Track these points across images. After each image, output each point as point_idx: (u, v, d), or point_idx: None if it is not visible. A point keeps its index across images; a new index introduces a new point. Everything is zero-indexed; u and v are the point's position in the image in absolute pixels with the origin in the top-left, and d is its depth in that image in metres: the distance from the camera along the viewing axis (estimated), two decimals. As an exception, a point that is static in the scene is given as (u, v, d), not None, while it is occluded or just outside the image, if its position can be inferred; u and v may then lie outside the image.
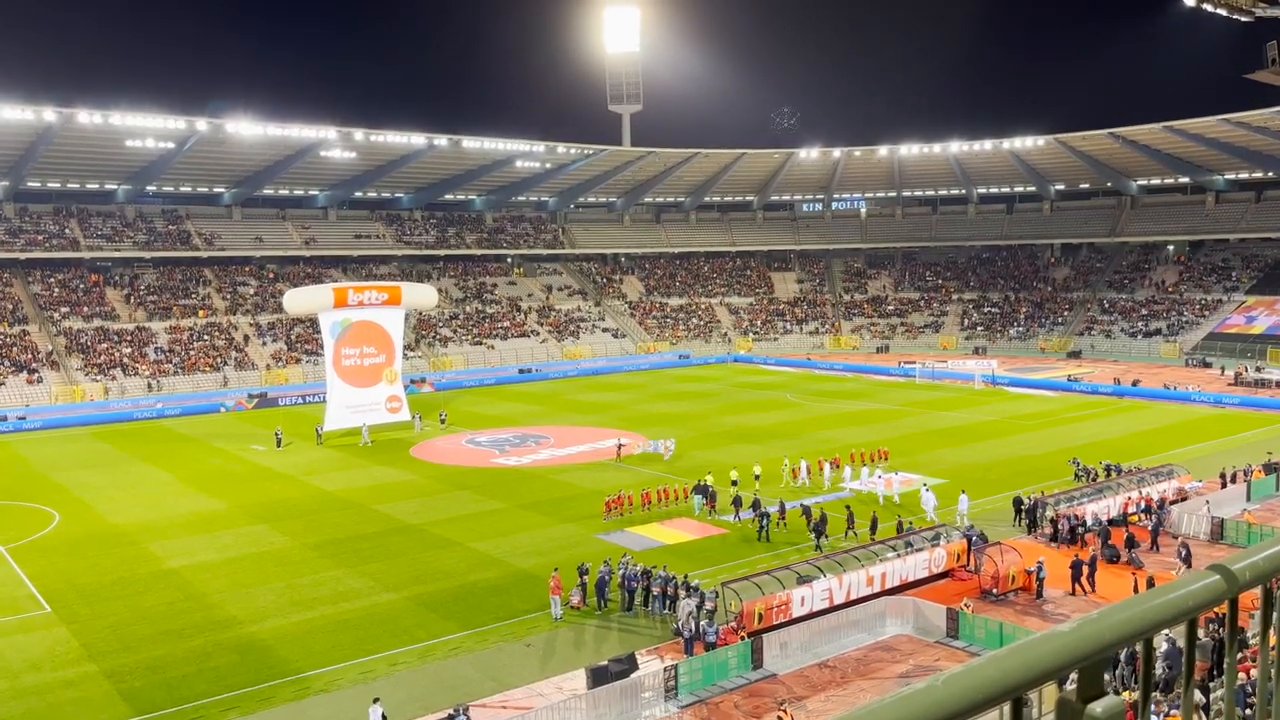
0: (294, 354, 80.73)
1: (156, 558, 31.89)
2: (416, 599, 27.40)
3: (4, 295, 77.17)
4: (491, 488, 41.15)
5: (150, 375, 72.82)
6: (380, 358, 54.86)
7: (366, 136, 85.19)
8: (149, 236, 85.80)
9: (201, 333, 79.99)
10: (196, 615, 26.40)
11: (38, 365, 70.49)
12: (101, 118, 72.69)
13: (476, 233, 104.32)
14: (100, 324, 77.58)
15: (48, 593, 28.30)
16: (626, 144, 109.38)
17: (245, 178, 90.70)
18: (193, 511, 38.29)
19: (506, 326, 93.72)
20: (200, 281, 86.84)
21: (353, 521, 36.17)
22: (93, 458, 50.50)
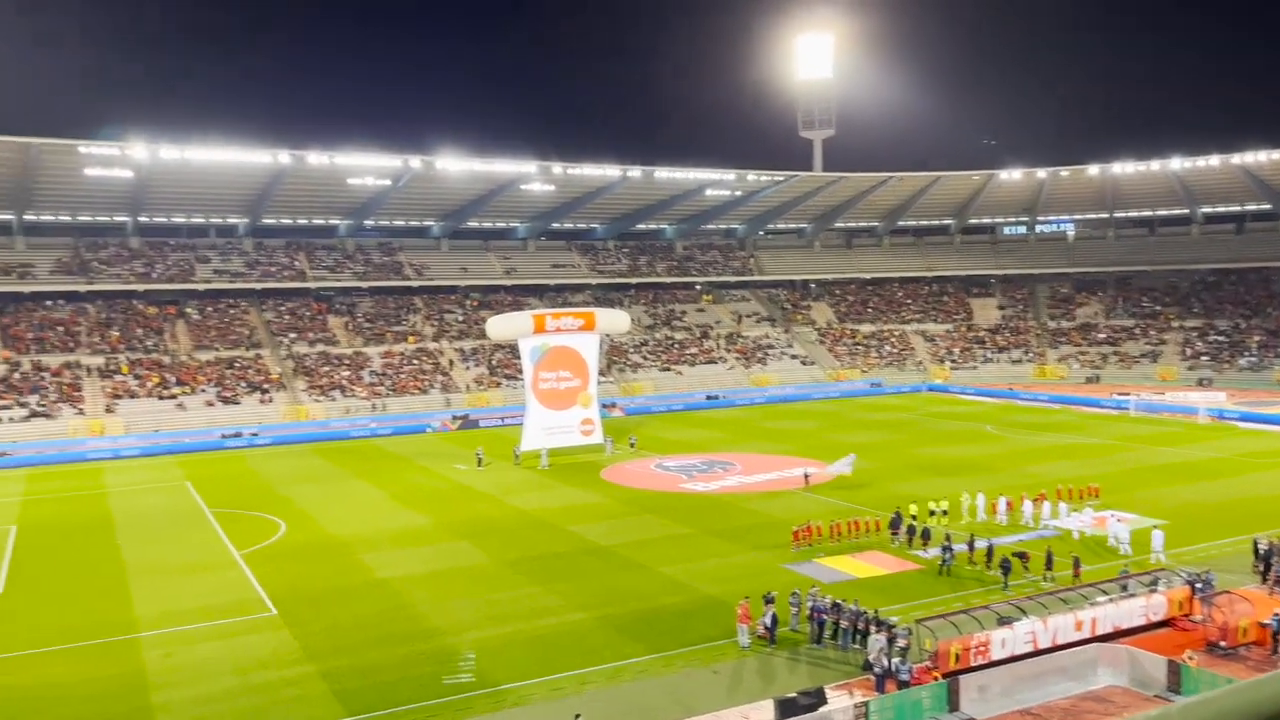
0: (495, 378, 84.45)
1: (368, 568, 34.02)
2: (606, 619, 27.93)
3: (242, 322, 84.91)
4: (679, 513, 41.48)
5: (365, 397, 78.03)
6: (575, 382, 56.56)
7: (564, 170, 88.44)
8: (366, 268, 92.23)
9: (411, 357, 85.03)
10: (403, 624, 27.95)
11: (269, 386, 76.97)
12: (328, 159, 79.07)
13: (666, 261, 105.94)
14: (323, 349, 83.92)
15: (274, 596, 30.71)
16: (818, 169, 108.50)
17: (452, 211, 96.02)
18: (400, 526, 40.64)
19: (695, 353, 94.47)
20: (410, 309, 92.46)
21: (546, 540, 37.34)
22: (314, 473, 54.56)
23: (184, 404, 72.56)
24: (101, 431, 67.36)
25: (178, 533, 40.44)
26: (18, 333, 75.72)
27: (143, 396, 72.54)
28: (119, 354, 76.57)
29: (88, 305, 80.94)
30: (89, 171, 74.70)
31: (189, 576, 33.57)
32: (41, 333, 76.46)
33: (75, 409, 69.45)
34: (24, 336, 75.53)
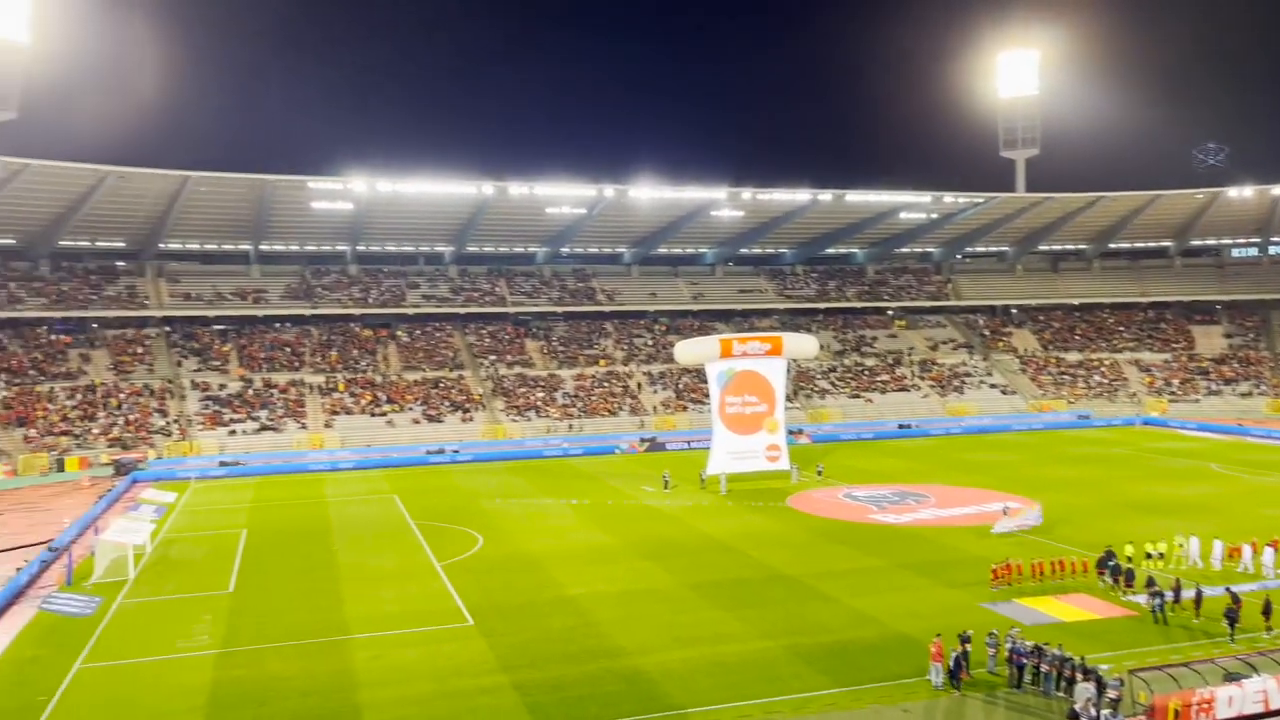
0: (681, 401, 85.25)
1: (559, 584, 35.00)
2: (792, 649, 27.52)
3: (446, 344, 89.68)
4: (869, 544, 40.41)
5: (558, 417, 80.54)
6: (762, 407, 56.29)
7: (754, 195, 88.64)
8: (561, 293, 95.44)
9: (602, 380, 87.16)
10: (591, 641, 28.56)
11: (470, 406, 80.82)
12: (529, 189, 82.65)
13: (857, 285, 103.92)
14: (520, 370, 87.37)
15: (471, 607, 32.10)
16: (1020, 190, 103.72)
17: (643, 238, 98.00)
18: (589, 544, 41.62)
19: (886, 380, 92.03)
20: (602, 334, 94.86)
21: (731, 565, 37.24)
22: (510, 489, 56.74)
23: (393, 421, 77.26)
24: (321, 445, 72.70)
25: (385, 542, 43.01)
26: (251, 352, 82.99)
27: (357, 413, 77.80)
28: (337, 373, 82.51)
29: (311, 328, 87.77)
30: (315, 205, 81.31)
31: (394, 583, 35.60)
32: (271, 353, 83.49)
33: (299, 423, 75.32)
34: (257, 356, 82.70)
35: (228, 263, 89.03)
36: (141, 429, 71.40)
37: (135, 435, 70.55)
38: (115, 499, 54.24)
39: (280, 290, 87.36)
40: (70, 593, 34.14)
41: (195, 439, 71.39)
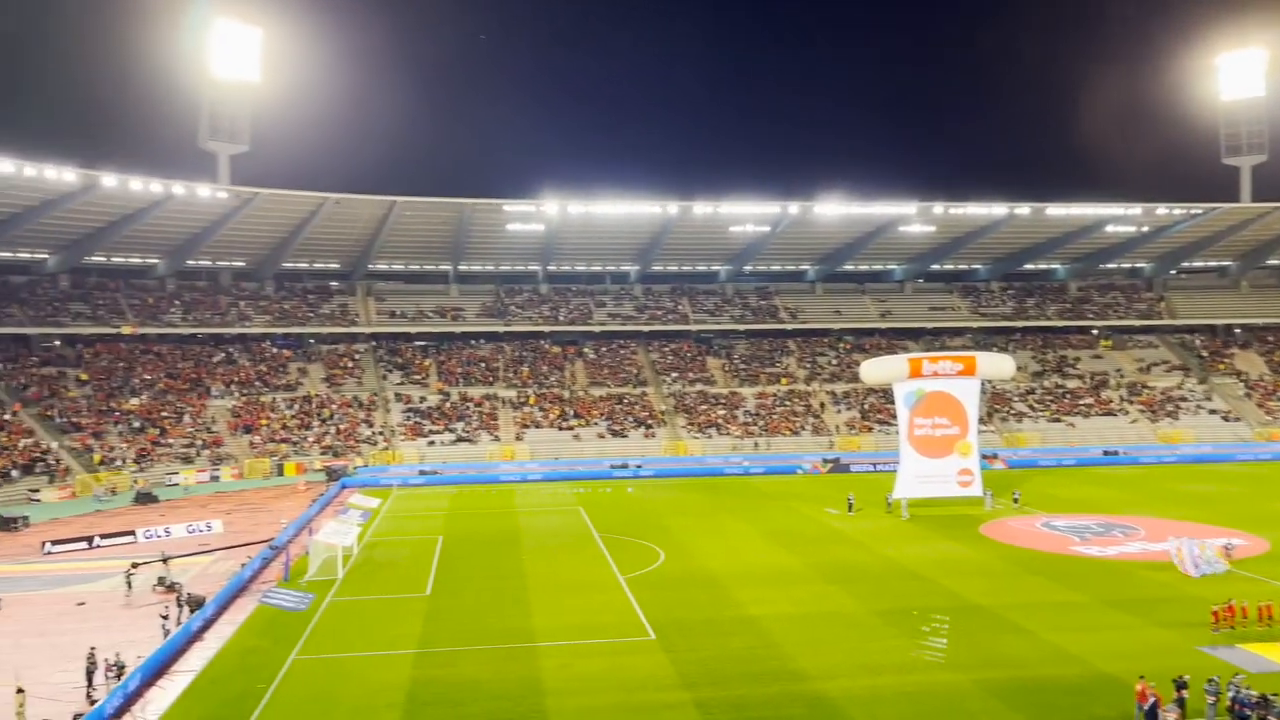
0: (867, 422, 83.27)
1: (739, 603, 34.84)
2: (983, 684, 26.26)
3: (630, 361, 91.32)
4: (1070, 577, 38.05)
5: (739, 435, 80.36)
6: (953, 429, 54.18)
7: (945, 210, 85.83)
8: (743, 311, 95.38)
9: (783, 399, 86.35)
10: (773, 663, 28.24)
11: (652, 422, 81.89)
12: (713, 208, 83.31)
13: (1058, 303, 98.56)
14: (701, 388, 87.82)
15: (654, 621, 32.42)
16: (1245, 199, 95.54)
17: (828, 254, 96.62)
18: (771, 564, 41.21)
19: (1089, 403, 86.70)
20: (784, 352, 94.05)
21: (919, 593, 35.95)
22: (691, 505, 57.05)
23: (579, 435, 79.31)
24: (512, 456, 75.56)
25: (571, 553, 44.13)
26: (449, 367, 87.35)
27: (546, 427, 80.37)
28: (528, 388, 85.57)
29: (505, 344, 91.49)
30: (510, 227, 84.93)
31: (579, 594, 36.45)
32: (468, 368, 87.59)
33: (492, 435, 78.57)
34: (454, 371, 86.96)
35: (429, 282, 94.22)
36: (350, 438, 76.43)
37: (345, 444, 75.59)
38: (327, 503, 58.22)
39: (476, 308, 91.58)
40: (287, 589, 36.88)
41: (398, 448, 75.74)
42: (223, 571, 40.27)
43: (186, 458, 70.04)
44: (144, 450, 69.16)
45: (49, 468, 63.62)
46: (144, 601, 35.77)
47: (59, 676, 27.36)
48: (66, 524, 52.70)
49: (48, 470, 63.34)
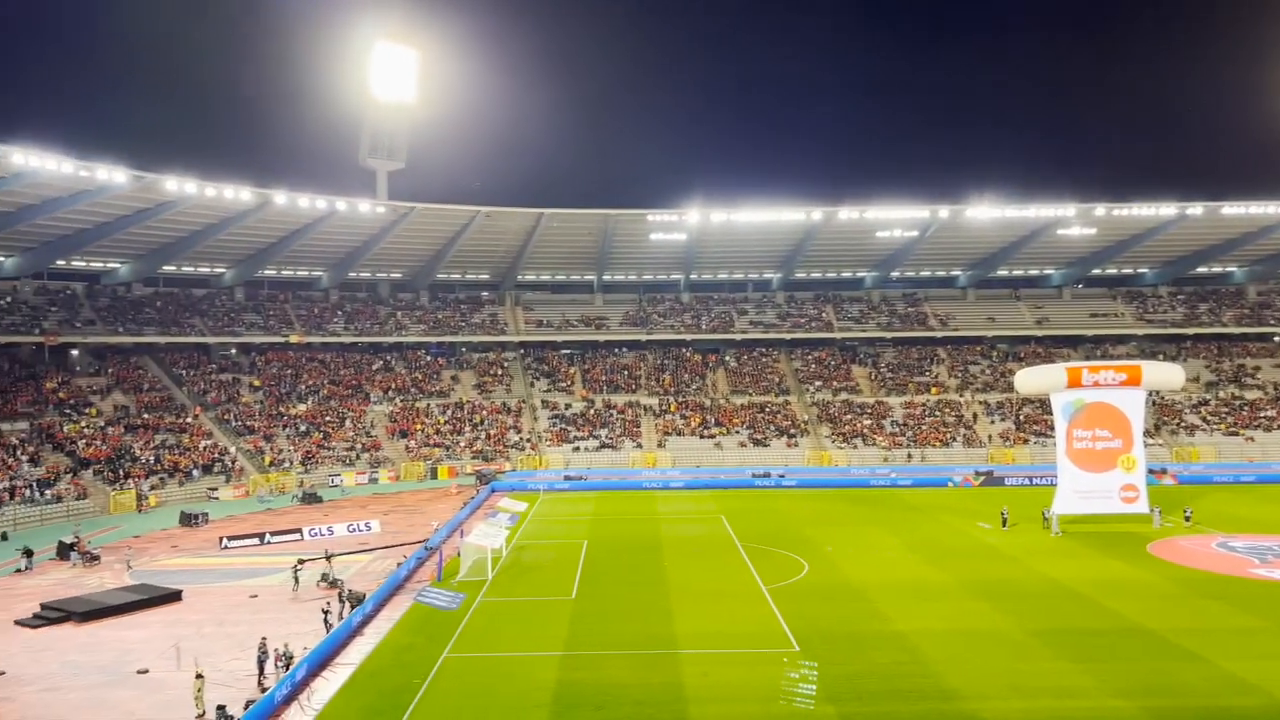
0: (1021, 434, 79.96)
1: (885, 617, 34.01)
2: (1152, 712, 24.77)
3: (772, 370, 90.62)
4: (1250, 601, 35.43)
5: (886, 446, 78.50)
6: (1115, 442, 51.36)
7: (1108, 211, 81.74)
8: (890, 318, 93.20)
9: (933, 409, 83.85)
10: (920, 680, 27.44)
11: (795, 431, 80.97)
12: (858, 213, 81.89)
13: (1235, 308, 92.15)
14: (846, 397, 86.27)
15: (797, 633, 32.03)
16: None
17: (980, 259, 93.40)
18: (918, 578, 40.06)
19: (1272, 415, 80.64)
20: (933, 360, 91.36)
21: (1079, 613, 34.23)
22: (835, 516, 56.09)
23: (721, 443, 79.20)
24: (654, 463, 76.16)
25: (712, 561, 44.10)
26: (594, 375, 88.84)
27: (687, 434, 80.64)
28: (670, 396, 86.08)
29: (647, 352, 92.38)
30: (653, 236, 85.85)
31: (721, 602, 36.39)
32: (611, 375, 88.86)
33: (635, 443, 79.41)
34: (598, 379, 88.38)
35: (574, 292, 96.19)
36: (499, 443, 78.72)
37: (494, 448, 77.91)
38: (477, 506, 60.14)
39: (619, 317, 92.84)
40: (440, 588, 38.26)
41: (544, 454, 77.52)
42: (381, 570, 42.16)
43: (347, 460, 73.72)
44: (309, 453, 73.19)
45: (225, 468, 68.13)
46: (309, 596, 37.84)
47: (234, 664, 29.24)
48: (241, 521, 56.29)
49: (224, 470, 67.85)
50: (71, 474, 60.81)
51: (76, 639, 32.61)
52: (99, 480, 61.25)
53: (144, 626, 34.03)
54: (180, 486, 64.38)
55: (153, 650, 30.90)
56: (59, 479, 59.47)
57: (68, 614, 34.91)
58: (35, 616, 35.07)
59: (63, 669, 29.36)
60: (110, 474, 62.11)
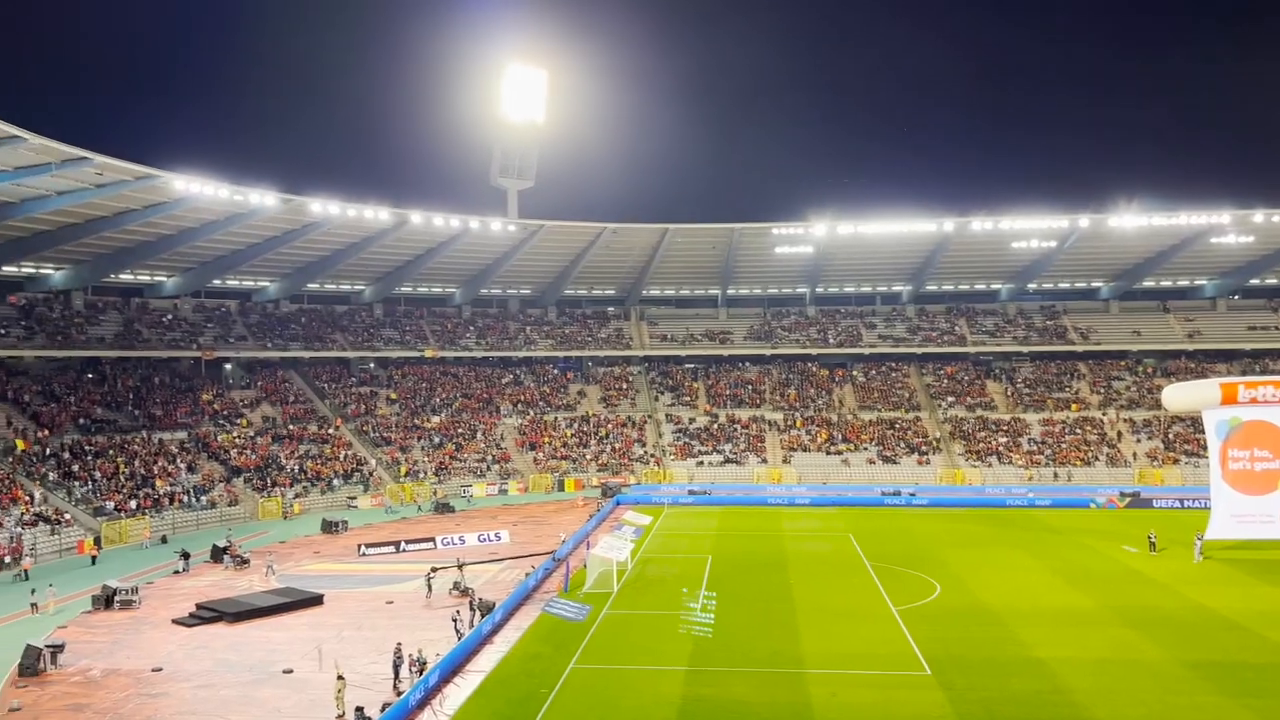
0: (1171, 453, 75.71)
1: (1023, 643, 32.66)
2: (1322, 756, 22.99)
3: (902, 385, 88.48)
4: None
5: (1023, 465, 75.53)
6: (1275, 463, 48.03)
7: (1267, 217, 76.74)
8: (1027, 332, 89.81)
9: (1073, 426, 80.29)
10: (1063, 710, 26.21)
11: (926, 448, 78.80)
12: (992, 224, 79.37)
13: None
14: (980, 413, 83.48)
15: (929, 656, 31.09)
16: None
17: (1125, 270, 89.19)
18: (1059, 604, 38.33)
19: None
20: (1074, 375, 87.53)
21: (1237, 645, 32.09)
22: (967, 537, 54.26)
23: (848, 460, 77.76)
24: (779, 479, 75.38)
25: (840, 580, 43.29)
26: (718, 389, 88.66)
27: (813, 450, 79.51)
28: (795, 411, 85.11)
29: (771, 367, 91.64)
30: (778, 250, 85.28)
31: (848, 622, 35.66)
32: (735, 390, 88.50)
33: (759, 458, 78.79)
34: (722, 393, 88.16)
35: (698, 306, 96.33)
36: (624, 456, 79.39)
37: (619, 462, 78.62)
38: (603, 518, 60.75)
39: (744, 331, 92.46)
40: (567, 599, 38.79)
41: (668, 468, 77.74)
42: (510, 580, 43.05)
43: (478, 472, 75.64)
44: (442, 464, 75.45)
45: (364, 478, 70.91)
46: (441, 604, 38.93)
47: (371, 667, 30.33)
48: (378, 529, 58.45)
49: (363, 480, 70.62)
50: (225, 481, 64.41)
51: (228, 638, 34.45)
52: (249, 488, 64.67)
53: (288, 628, 35.68)
54: (322, 495, 67.33)
55: (296, 651, 32.36)
56: (213, 486, 63.06)
57: (220, 614, 36.93)
58: (191, 616, 37.23)
59: (215, 666, 31.05)
60: (259, 482, 65.51)
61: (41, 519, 51.53)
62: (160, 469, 62.02)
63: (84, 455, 60.23)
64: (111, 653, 32.75)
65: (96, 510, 55.13)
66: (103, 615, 38.10)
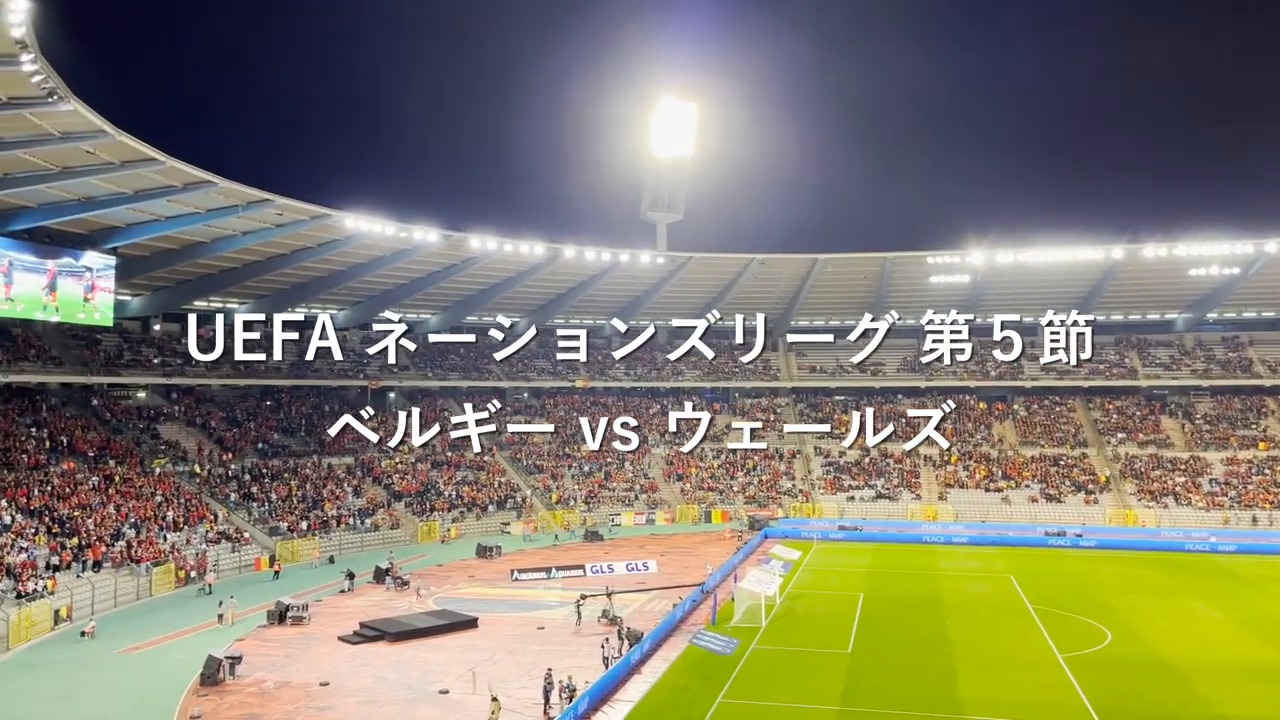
0: (1377, 498, 69.03)
1: (1205, 699, 30.33)
2: None
3: (1067, 420, 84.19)
4: None
5: (1204, 507, 70.47)
6: None
7: None
8: (1207, 364, 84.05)
9: (1262, 466, 74.39)
10: (1251, 775, 24.21)
11: (1094, 487, 74.60)
12: (1166, 250, 74.86)
13: None
14: (1154, 451, 78.47)
15: (1100, 709, 29.20)
16: None
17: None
18: (1246, 658, 35.48)
19: None
20: (1261, 412, 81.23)
21: None
22: (1141, 582, 50.96)
23: (1009, 498, 74.44)
24: (935, 516, 72.85)
25: (1000, 623, 41.39)
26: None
27: (971, 487, 76.51)
28: (952, 446, 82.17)
29: (925, 399, 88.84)
30: (933, 279, 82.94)
31: (1010, 668, 34.02)
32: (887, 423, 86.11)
33: (913, 494, 76.44)
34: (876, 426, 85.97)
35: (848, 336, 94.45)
36: (772, 489, 78.53)
37: (766, 494, 77.80)
38: (750, 551, 60.16)
39: (896, 362, 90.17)
40: (714, 632, 38.56)
41: (817, 501, 76.39)
42: (657, 609, 43.15)
43: (626, 501, 76.34)
44: (592, 492, 76.55)
45: (517, 504, 72.71)
46: (590, 631, 39.39)
47: (522, 692, 30.94)
48: (530, 555, 59.75)
49: (516, 506, 72.41)
50: (386, 505, 67.32)
51: (388, 657, 35.88)
52: (409, 511, 67.37)
53: (444, 650, 36.86)
54: (477, 520, 69.43)
55: (451, 672, 33.37)
56: (377, 510, 66.02)
57: (381, 633, 38.51)
58: (355, 634, 38.97)
59: (377, 684, 32.37)
60: (418, 506, 68.16)
61: (224, 537, 55.17)
62: (329, 492, 65.44)
63: (262, 478, 64.22)
64: (284, 665, 34.64)
65: (272, 530, 58.60)
66: (276, 630, 40.37)
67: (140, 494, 55.08)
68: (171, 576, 48.86)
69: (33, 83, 36.96)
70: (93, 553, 46.71)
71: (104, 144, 45.27)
